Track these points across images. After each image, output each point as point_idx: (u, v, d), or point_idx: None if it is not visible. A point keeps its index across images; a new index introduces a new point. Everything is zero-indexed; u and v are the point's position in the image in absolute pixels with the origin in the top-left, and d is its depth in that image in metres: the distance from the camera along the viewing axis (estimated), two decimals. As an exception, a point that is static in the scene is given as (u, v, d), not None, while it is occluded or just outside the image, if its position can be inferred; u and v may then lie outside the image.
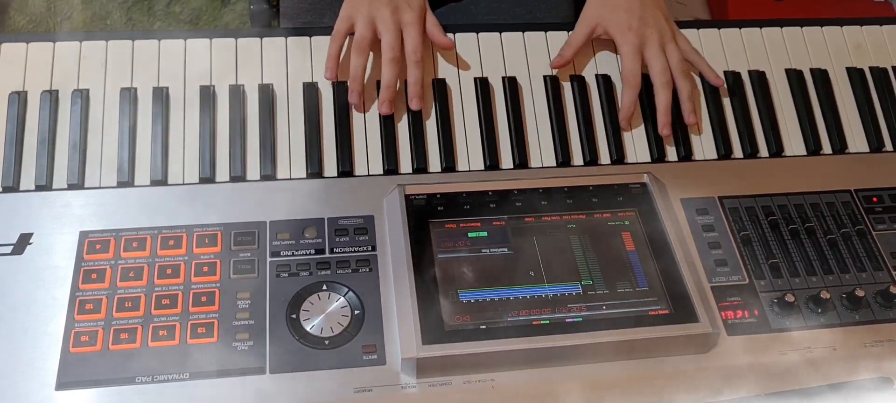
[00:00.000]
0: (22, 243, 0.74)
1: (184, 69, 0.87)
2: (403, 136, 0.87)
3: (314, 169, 0.83)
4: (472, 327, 0.69)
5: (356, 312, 0.72)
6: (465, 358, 0.68)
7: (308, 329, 0.70)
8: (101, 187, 0.80)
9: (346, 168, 0.83)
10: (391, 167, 0.84)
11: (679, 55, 0.91)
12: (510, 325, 0.70)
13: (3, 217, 0.75)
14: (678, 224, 0.80)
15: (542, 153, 0.88)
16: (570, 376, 0.70)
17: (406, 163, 0.85)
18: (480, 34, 0.93)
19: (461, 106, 0.89)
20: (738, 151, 0.91)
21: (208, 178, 0.81)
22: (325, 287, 0.73)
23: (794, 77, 0.95)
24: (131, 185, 0.80)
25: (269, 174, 0.82)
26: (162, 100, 0.84)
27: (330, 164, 0.84)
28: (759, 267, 0.78)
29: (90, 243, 0.74)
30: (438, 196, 0.79)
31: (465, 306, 0.71)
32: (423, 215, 0.77)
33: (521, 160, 0.86)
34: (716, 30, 0.98)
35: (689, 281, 0.74)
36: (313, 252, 0.75)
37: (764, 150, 0.91)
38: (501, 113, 0.89)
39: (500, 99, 0.90)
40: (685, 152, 0.89)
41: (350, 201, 0.79)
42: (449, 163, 0.85)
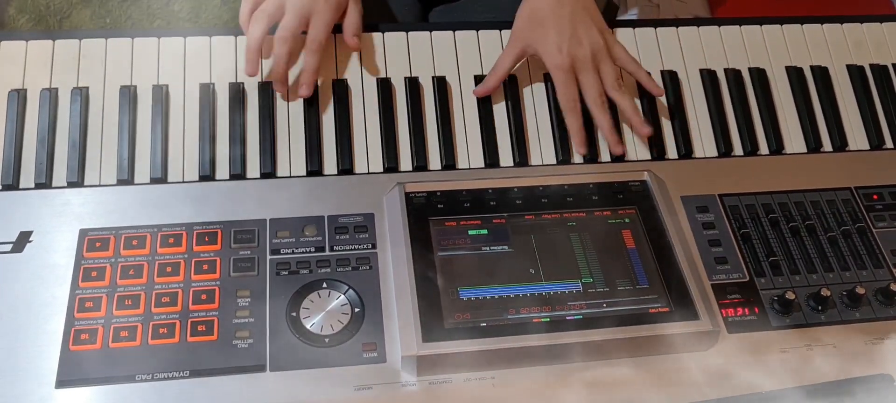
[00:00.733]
0: (22, 241, 0.74)
1: (183, 67, 0.87)
2: (403, 134, 0.87)
3: (314, 166, 0.83)
4: (473, 325, 0.69)
5: (356, 310, 0.72)
6: (465, 356, 0.68)
7: (308, 326, 0.70)
8: (100, 185, 0.80)
9: (346, 166, 0.83)
10: (391, 165, 0.84)
11: (614, 74, 0.87)
12: (510, 323, 0.70)
13: (2, 215, 0.75)
14: (678, 221, 0.80)
15: (542, 150, 0.88)
16: (571, 374, 0.70)
17: (406, 161, 0.85)
18: (480, 32, 0.93)
19: (461, 103, 0.89)
20: (738, 149, 0.91)
21: (208, 176, 0.81)
22: (325, 285, 0.73)
23: (795, 74, 0.95)
24: (131, 183, 0.80)
25: (269, 172, 0.82)
26: (161, 98, 0.84)
27: (330, 162, 0.84)
28: (760, 264, 0.78)
29: (90, 241, 0.74)
30: (438, 194, 0.79)
31: (465, 304, 0.71)
32: (424, 213, 0.77)
33: (521, 158, 0.86)
34: (716, 27, 0.98)
35: (689, 278, 0.74)
36: (313, 250, 0.75)
37: (764, 148, 0.91)
38: (501, 111, 0.89)
39: (499, 97, 0.90)
40: (685, 150, 0.89)
41: (350, 199, 0.79)
42: (449, 161, 0.85)
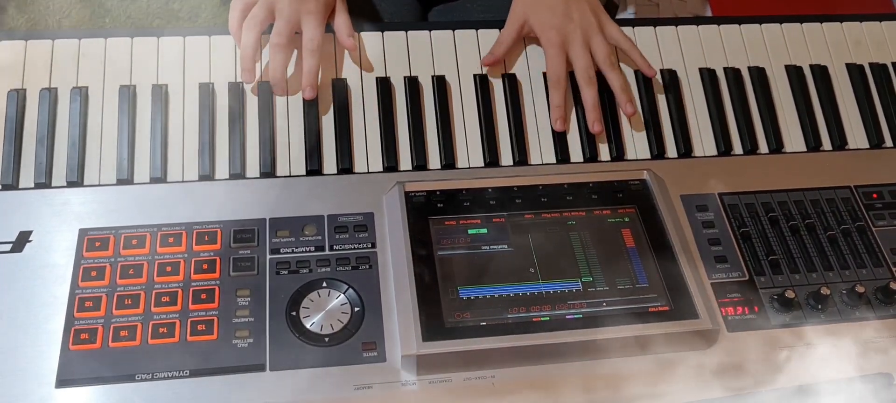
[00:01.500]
0: (21, 241, 0.74)
1: (183, 67, 0.87)
2: (403, 133, 0.87)
3: (314, 166, 0.83)
4: (472, 324, 0.69)
5: (356, 309, 0.72)
6: (465, 355, 0.68)
7: (308, 326, 0.70)
8: (100, 185, 0.80)
9: (345, 165, 0.83)
10: (391, 164, 0.84)
11: (606, 49, 0.89)
12: (510, 322, 0.70)
13: (2, 214, 0.75)
14: (678, 220, 0.80)
15: (541, 150, 0.88)
16: (570, 372, 0.70)
17: (406, 160, 0.85)
18: (480, 31, 0.93)
19: (461, 103, 0.89)
20: (737, 148, 0.91)
21: (208, 176, 0.81)
22: (324, 284, 0.73)
23: (794, 73, 0.95)
24: (131, 183, 0.80)
25: (269, 171, 0.82)
26: (161, 97, 0.84)
27: (329, 161, 0.84)
28: (759, 263, 0.78)
29: (90, 240, 0.74)
30: (438, 193, 0.79)
31: (464, 303, 0.71)
32: (423, 212, 0.77)
33: (521, 157, 0.86)
34: (715, 26, 0.98)
35: (688, 277, 0.74)
36: (313, 249, 0.75)
37: (764, 147, 0.91)
38: (501, 109, 0.89)
39: (499, 95, 0.90)
40: (685, 149, 0.89)
41: (350, 198, 0.79)
42: (449, 160, 0.85)
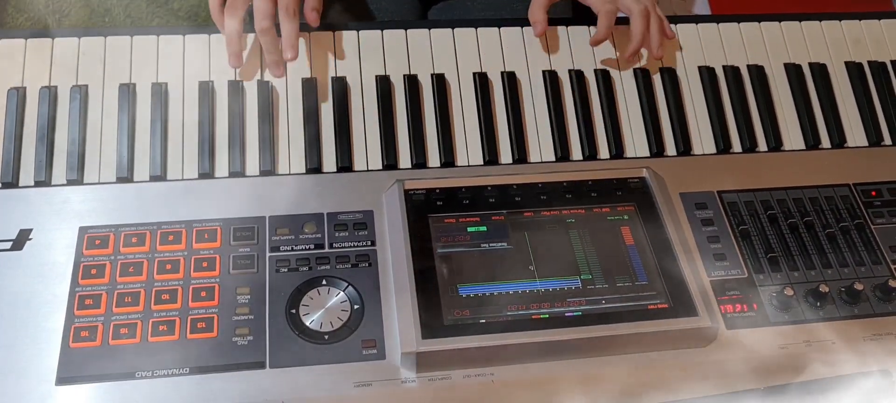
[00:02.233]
0: (21, 239, 0.74)
1: (182, 65, 0.87)
2: (402, 131, 0.87)
3: (313, 164, 0.83)
4: (472, 321, 0.70)
5: (356, 307, 0.72)
6: (464, 353, 0.68)
7: (308, 323, 0.70)
8: (100, 183, 0.80)
9: (345, 163, 0.83)
10: (390, 162, 0.84)
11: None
12: (509, 319, 0.70)
13: (2, 212, 0.75)
14: (677, 218, 0.80)
15: (541, 148, 0.88)
16: (570, 370, 0.70)
17: (405, 158, 0.85)
18: (479, 29, 0.93)
19: (460, 101, 0.89)
20: (737, 146, 0.91)
21: (207, 174, 0.81)
22: (324, 282, 0.73)
23: (793, 71, 0.95)
24: (130, 181, 0.80)
25: (269, 169, 0.82)
26: (161, 96, 0.84)
27: (329, 159, 0.84)
28: (758, 261, 0.79)
29: (90, 238, 0.74)
30: (437, 191, 0.79)
31: (464, 300, 0.71)
32: (423, 210, 0.77)
33: (520, 155, 0.86)
34: (714, 25, 0.98)
35: (688, 275, 0.74)
36: (313, 247, 0.75)
37: (763, 145, 0.91)
38: (500, 108, 0.89)
39: (499, 94, 0.90)
40: (684, 147, 0.89)
41: (349, 196, 0.79)
42: (448, 158, 0.85)
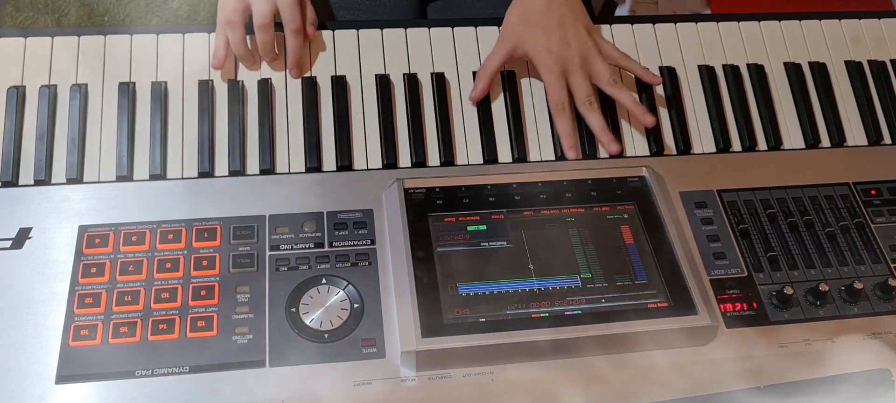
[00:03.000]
0: (21, 237, 0.74)
1: (182, 64, 0.87)
2: (402, 130, 0.87)
3: (313, 163, 0.83)
4: (472, 320, 0.70)
5: (355, 305, 0.72)
6: (464, 352, 0.68)
7: (307, 322, 0.70)
8: (100, 181, 0.80)
9: (344, 162, 0.83)
10: (390, 161, 0.84)
11: (607, 71, 0.86)
12: (509, 318, 0.70)
13: (1, 211, 0.75)
14: (677, 217, 0.80)
15: (540, 146, 0.88)
16: (570, 369, 0.70)
17: (405, 157, 0.85)
18: (479, 28, 0.93)
19: (460, 100, 0.89)
20: (736, 145, 0.91)
21: (207, 173, 0.81)
22: (324, 280, 0.73)
23: (793, 70, 0.95)
24: (130, 180, 0.80)
25: (268, 168, 0.82)
26: (160, 94, 0.84)
27: (329, 158, 0.84)
28: (758, 259, 0.79)
29: (89, 237, 0.74)
30: (437, 189, 0.79)
31: (464, 299, 0.71)
32: (422, 209, 0.77)
33: (520, 154, 0.86)
34: (714, 23, 0.98)
35: (687, 273, 0.74)
36: (312, 245, 0.75)
37: (762, 144, 0.91)
38: (500, 107, 0.89)
39: (498, 93, 0.90)
40: (684, 146, 0.89)
41: (349, 195, 0.79)
42: (448, 157, 0.85)
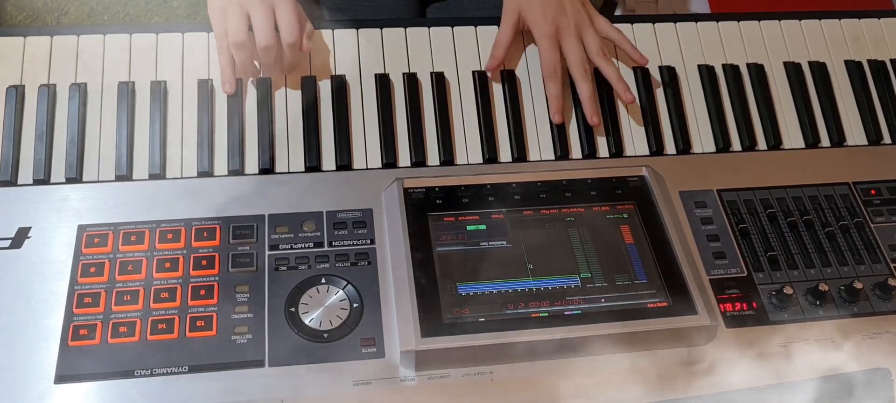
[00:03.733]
0: (20, 237, 0.74)
1: (181, 63, 0.87)
2: (402, 130, 0.87)
3: (313, 162, 0.83)
4: (471, 320, 0.70)
5: (355, 305, 0.72)
6: (463, 351, 0.68)
7: (307, 322, 0.70)
8: (99, 181, 0.80)
9: (344, 161, 0.83)
10: (390, 160, 0.84)
11: (597, 42, 0.89)
12: (509, 318, 0.70)
13: (1, 211, 0.75)
14: (676, 217, 0.80)
15: (540, 146, 0.88)
16: (569, 368, 0.70)
17: (404, 157, 0.85)
18: (478, 27, 0.93)
19: (459, 99, 0.89)
20: (736, 144, 0.91)
21: (207, 172, 0.81)
22: (323, 280, 0.73)
23: (793, 70, 0.95)
24: (129, 179, 0.80)
25: (268, 168, 0.82)
26: (160, 94, 0.84)
27: (328, 158, 0.84)
28: (758, 259, 0.79)
29: (88, 237, 0.74)
30: (437, 189, 0.79)
31: (463, 299, 0.71)
32: (422, 208, 0.77)
33: (520, 153, 0.86)
34: (714, 23, 0.98)
35: (687, 273, 0.74)
36: (312, 245, 0.75)
37: (762, 143, 0.91)
38: (500, 106, 0.89)
39: (498, 92, 0.90)
40: (683, 145, 0.89)
41: (348, 194, 0.79)
42: (447, 157, 0.85)
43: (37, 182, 0.79)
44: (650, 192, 0.80)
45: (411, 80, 0.89)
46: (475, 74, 0.90)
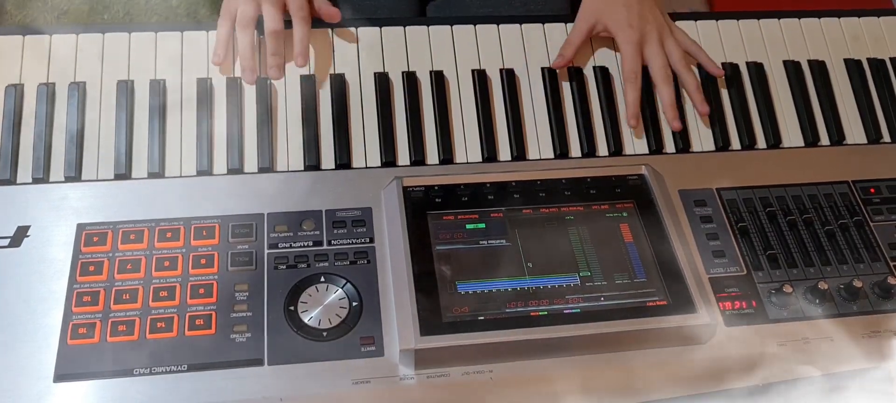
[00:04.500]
0: (19, 236, 0.74)
1: (181, 62, 0.87)
2: (401, 129, 0.86)
3: (312, 161, 0.83)
4: (470, 319, 0.69)
5: (354, 304, 0.72)
6: (462, 350, 0.68)
7: (306, 321, 0.70)
8: (98, 180, 0.80)
9: (343, 160, 0.83)
10: (389, 159, 0.84)
11: (679, 50, 0.92)
12: (508, 317, 0.70)
13: (0, 210, 0.75)
14: (676, 215, 0.80)
15: (539, 145, 0.88)
16: (568, 367, 0.70)
17: (404, 156, 0.85)
18: (478, 26, 0.93)
19: (459, 98, 0.89)
20: (736, 143, 0.91)
21: (206, 171, 0.81)
22: (322, 279, 0.73)
23: (792, 69, 0.95)
24: (128, 178, 0.80)
25: (267, 166, 0.82)
26: (159, 93, 0.84)
27: (327, 157, 0.84)
28: (757, 258, 0.78)
29: (87, 235, 0.74)
30: (436, 188, 0.79)
31: (462, 298, 0.71)
32: (421, 207, 0.77)
33: (519, 152, 0.86)
34: (714, 22, 0.98)
35: (686, 272, 0.74)
36: (311, 244, 0.75)
37: (762, 142, 0.91)
38: (499, 105, 0.89)
39: (497, 91, 0.90)
40: (683, 144, 0.89)
41: (348, 193, 0.79)
42: (447, 156, 0.85)
43: (36, 180, 0.79)
44: (650, 191, 0.80)
45: (411, 79, 0.89)
46: (474, 73, 0.90)
